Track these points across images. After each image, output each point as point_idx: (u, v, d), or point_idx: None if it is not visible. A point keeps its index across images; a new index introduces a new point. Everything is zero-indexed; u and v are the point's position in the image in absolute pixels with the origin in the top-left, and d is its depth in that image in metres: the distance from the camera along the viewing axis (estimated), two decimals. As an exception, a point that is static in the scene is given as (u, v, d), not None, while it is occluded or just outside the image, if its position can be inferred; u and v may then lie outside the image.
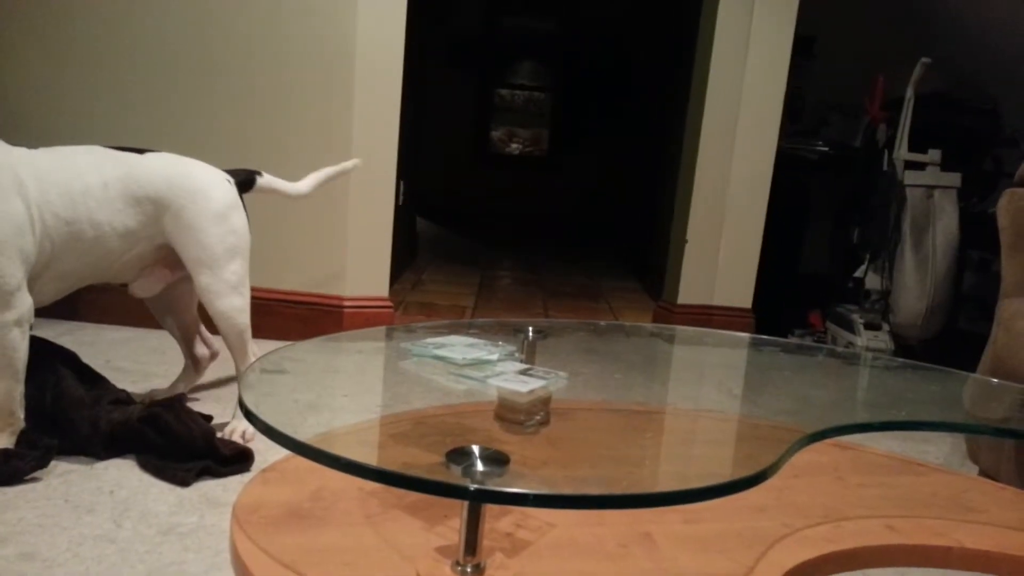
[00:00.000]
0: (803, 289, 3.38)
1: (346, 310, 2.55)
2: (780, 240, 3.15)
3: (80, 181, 1.54)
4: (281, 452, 1.33)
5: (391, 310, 2.62)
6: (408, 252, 4.05)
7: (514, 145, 7.25)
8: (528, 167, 7.22)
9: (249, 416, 0.66)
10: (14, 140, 1.59)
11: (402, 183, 2.88)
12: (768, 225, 2.93)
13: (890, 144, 3.04)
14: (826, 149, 3.42)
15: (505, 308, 3.40)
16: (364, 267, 2.57)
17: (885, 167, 3.01)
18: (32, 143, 1.61)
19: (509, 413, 0.95)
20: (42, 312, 1.51)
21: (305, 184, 1.92)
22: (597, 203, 6.94)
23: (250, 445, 1.64)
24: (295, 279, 2.54)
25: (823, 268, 3.45)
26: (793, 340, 1.55)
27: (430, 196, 6.71)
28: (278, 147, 2.46)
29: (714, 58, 2.83)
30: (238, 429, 1.69)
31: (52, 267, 1.53)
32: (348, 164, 2.00)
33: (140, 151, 1.66)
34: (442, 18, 6.22)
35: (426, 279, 3.89)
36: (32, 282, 1.50)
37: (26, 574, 1.15)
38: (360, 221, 2.52)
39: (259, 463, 1.61)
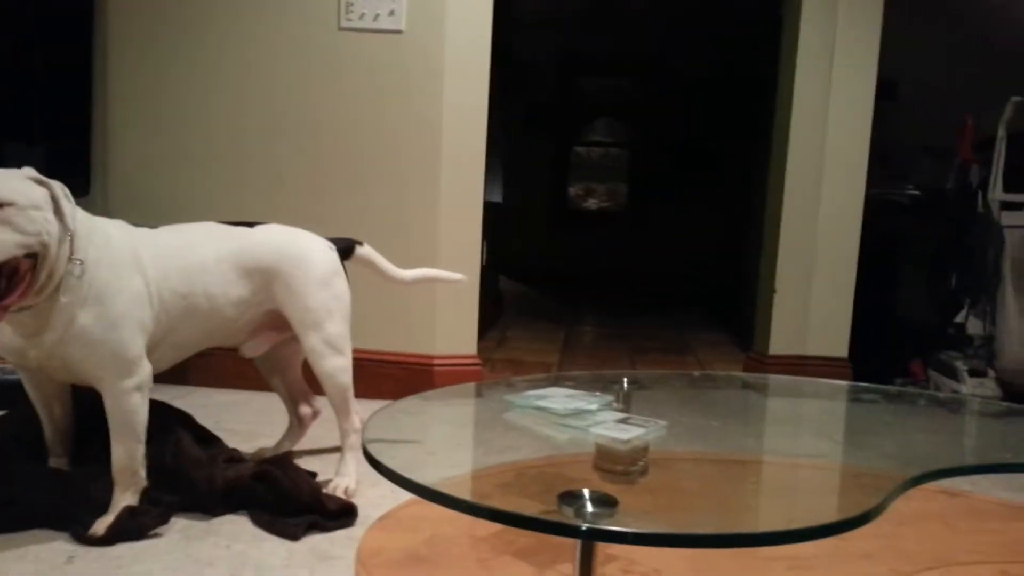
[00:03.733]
0: (902, 337, 3.28)
1: (436, 368, 2.61)
2: (875, 287, 3.08)
3: (196, 257, 1.66)
4: (381, 507, 1.38)
5: (479, 367, 2.68)
6: (493, 311, 4.12)
7: (592, 201, 7.32)
8: (607, 222, 7.25)
9: (375, 464, 0.71)
10: (132, 216, 1.74)
11: (485, 243, 2.97)
12: (861, 272, 2.87)
13: (984, 185, 2.96)
14: (917, 193, 3.35)
15: (591, 363, 3.42)
16: (452, 326, 2.64)
17: (980, 208, 2.94)
18: (148, 218, 1.75)
19: (608, 463, 0.98)
20: (155, 378, 1.64)
21: (409, 274, 1.98)
22: (679, 256, 6.90)
23: (353, 500, 1.70)
24: (386, 339, 2.62)
25: (921, 315, 3.34)
26: (893, 388, 1.52)
27: (511, 255, 6.80)
28: (369, 213, 2.58)
29: (795, 105, 2.84)
30: (341, 485, 1.76)
31: (169, 337, 1.64)
32: (455, 275, 2.07)
33: (250, 224, 1.79)
34: (519, 83, 6.40)
35: (511, 336, 3.95)
36: (151, 351, 1.61)
37: (156, 622, 1.23)
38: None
39: (362, 517, 1.65)
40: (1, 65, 2.38)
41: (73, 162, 2.58)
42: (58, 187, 1.44)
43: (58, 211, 1.42)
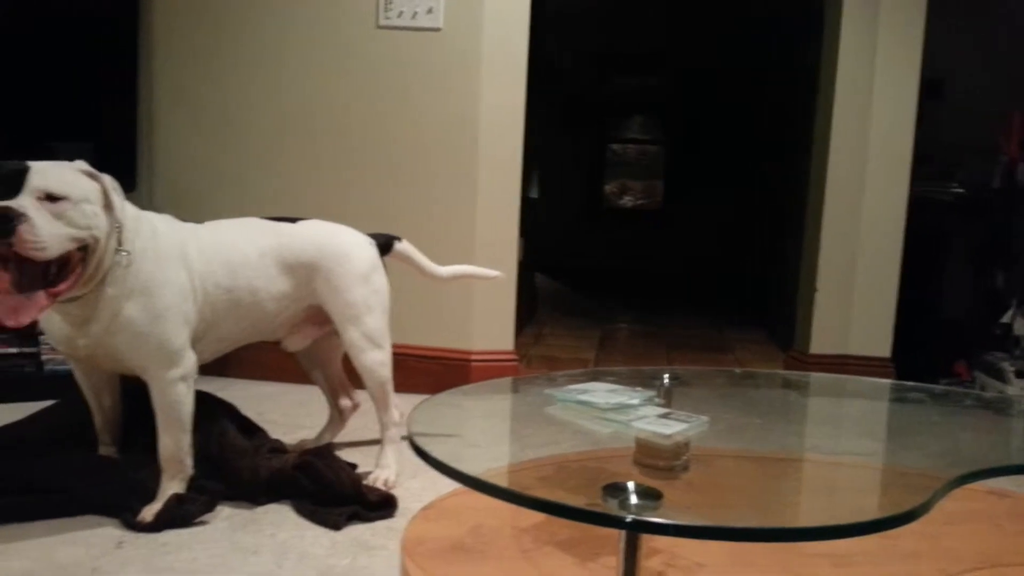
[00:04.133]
0: (946, 337, 3.21)
1: (473, 363, 2.63)
2: (918, 286, 3.02)
3: (239, 252, 1.69)
4: (421, 499, 1.40)
5: (516, 363, 2.69)
6: (529, 307, 4.13)
7: (627, 198, 7.28)
8: (643, 219, 7.22)
9: (422, 455, 0.72)
10: (177, 210, 1.77)
11: (522, 240, 2.99)
12: (905, 271, 2.82)
13: (1032, 183, 2.89)
14: (962, 191, 3.28)
15: (628, 360, 3.41)
16: (490, 322, 2.65)
17: (1028, 207, 2.87)
18: (192, 213, 1.78)
19: (650, 458, 0.98)
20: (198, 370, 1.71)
21: (445, 270, 2.01)
22: (716, 252, 6.84)
23: (393, 491, 1.72)
24: (424, 334, 2.64)
25: (966, 314, 3.28)
26: (939, 387, 1.50)
27: (546, 252, 6.80)
28: (408, 210, 2.60)
29: (837, 103, 2.80)
30: (381, 476, 1.78)
31: (213, 330, 1.68)
32: (491, 272, 2.09)
33: (292, 220, 1.82)
34: (555, 80, 6.41)
35: (547, 333, 3.95)
36: (195, 343, 1.64)
37: (203, 607, 1.26)
38: (486, 277, 2.61)
39: (401, 508, 1.67)
40: (51, 65, 2.45)
41: (120, 159, 2.64)
42: (108, 181, 1.48)
43: (108, 204, 1.46)
